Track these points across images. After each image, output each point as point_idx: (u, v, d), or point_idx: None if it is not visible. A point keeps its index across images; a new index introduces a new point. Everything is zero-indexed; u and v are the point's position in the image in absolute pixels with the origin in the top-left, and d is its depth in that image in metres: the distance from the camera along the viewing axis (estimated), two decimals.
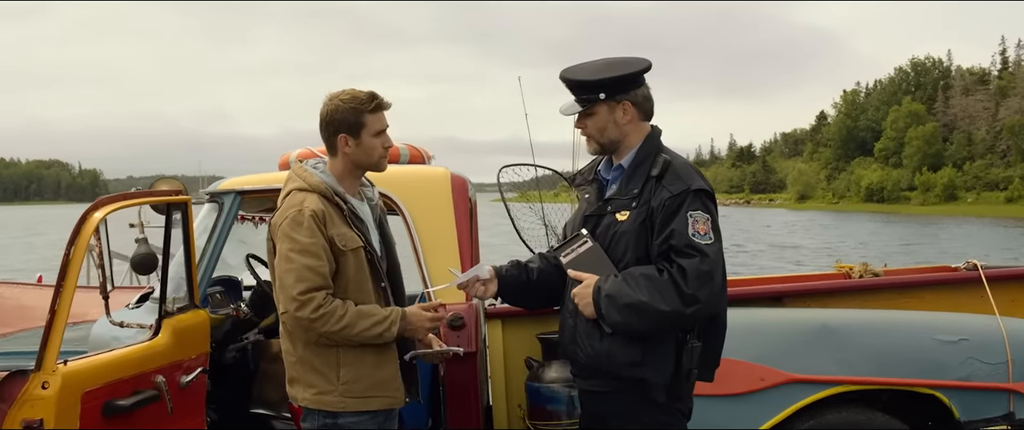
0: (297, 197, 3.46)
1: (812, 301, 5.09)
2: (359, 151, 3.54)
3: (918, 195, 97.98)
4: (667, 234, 3.27)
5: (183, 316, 4.18)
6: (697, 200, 3.30)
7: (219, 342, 5.25)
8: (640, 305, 3.24)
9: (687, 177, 3.34)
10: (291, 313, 3.34)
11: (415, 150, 5.40)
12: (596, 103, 3.46)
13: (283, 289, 3.36)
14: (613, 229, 3.42)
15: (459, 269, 4.62)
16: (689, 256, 3.22)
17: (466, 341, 4.52)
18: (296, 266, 3.34)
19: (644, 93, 3.49)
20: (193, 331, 4.22)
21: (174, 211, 4.14)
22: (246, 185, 4.88)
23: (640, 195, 3.38)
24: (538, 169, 4.86)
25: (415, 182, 4.85)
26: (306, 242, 3.35)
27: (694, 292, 3.20)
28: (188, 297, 4.31)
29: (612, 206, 3.46)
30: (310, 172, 3.53)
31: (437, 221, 4.74)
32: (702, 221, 3.28)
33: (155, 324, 4.06)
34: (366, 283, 3.50)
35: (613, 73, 3.44)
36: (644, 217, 3.34)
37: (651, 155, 3.44)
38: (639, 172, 3.43)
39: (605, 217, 3.47)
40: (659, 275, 3.25)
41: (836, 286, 5.33)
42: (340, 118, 3.50)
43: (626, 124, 3.47)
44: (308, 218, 3.37)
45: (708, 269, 3.22)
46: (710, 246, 3.26)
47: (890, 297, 5.18)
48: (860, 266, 6.21)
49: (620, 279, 3.32)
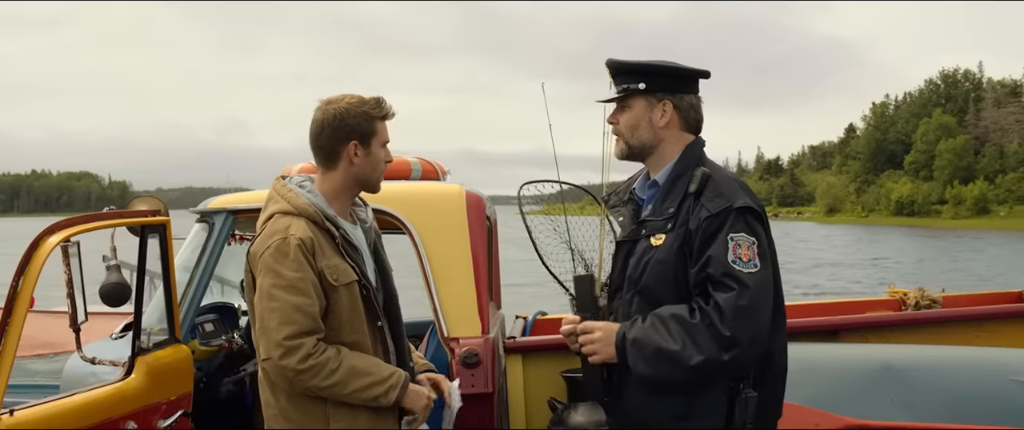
0: (281, 222, 2.98)
1: (871, 335, 4.56)
2: (367, 163, 3.09)
3: (949, 209, 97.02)
4: (703, 261, 2.80)
5: (161, 352, 3.71)
6: (740, 220, 2.81)
7: (211, 376, 4.78)
8: (671, 354, 2.75)
9: (730, 193, 2.86)
10: (274, 361, 2.87)
11: (428, 164, 4.89)
12: (635, 95, 3.01)
13: (265, 332, 2.89)
14: (648, 256, 2.92)
15: (474, 294, 4.14)
16: (726, 289, 2.74)
17: (482, 380, 4.03)
18: (281, 305, 2.87)
19: (692, 101, 3.05)
20: (173, 369, 3.75)
21: (151, 235, 3.66)
22: (239, 203, 4.42)
23: (677, 215, 2.90)
24: (563, 185, 4.33)
25: (426, 200, 4.36)
26: (292, 277, 2.88)
27: (733, 333, 2.71)
28: (168, 330, 3.83)
29: (647, 229, 2.97)
30: (295, 192, 3.05)
31: (450, 244, 4.25)
32: (746, 245, 2.79)
33: (127, 362, 3.58)
34: (361, 322, 3.02)
35: (661, 63, 3.02)
36: (681, 241, 2.86)
37: (690, 168, 2.96)
38: (676, 188, 2.96)
39: (639, 242, 2.98)
40: (691, 316, 2.77)
41: (897, 319, 4.84)
42: (352, 123, 3.04)
43: (663, 128, 3.02)
44: (294, 248, 2.90)
45: (748, 304, 2.73)
46: (753, 275, 2.76)
47: (957, 331, 4.65)
48: (916, 292, 5.72)
49: (649, 323, 2.84)
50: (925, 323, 4.76)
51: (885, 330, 4.65)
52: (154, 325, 3.98)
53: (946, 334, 4.66)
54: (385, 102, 3.12)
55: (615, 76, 3.06)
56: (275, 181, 3.14)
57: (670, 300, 2.86)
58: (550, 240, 4.78)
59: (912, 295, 5.66)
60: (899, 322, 4.78)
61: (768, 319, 2.80)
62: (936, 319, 4.81)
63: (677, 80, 3.03)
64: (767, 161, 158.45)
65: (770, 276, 2.83)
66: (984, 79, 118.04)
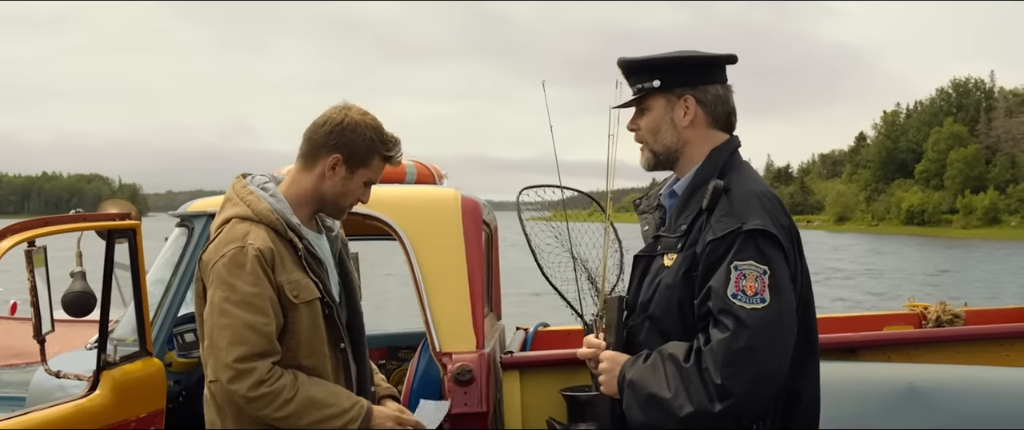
0: (238, 229, 2.69)
1: (893, 353, 4.27)
2: (339, 186, 2.80)
3: (960, 218, 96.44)
4: (705, 293, 2.43)
5: (130, 366, 3.46)
6: (750, 245, 2.41)
7: (192, 389, 4.52)
8: (662, 402, 2.40)
9: (742, 211, 2.46)
10: (222, 384, 2.59)
11: (423, 167, 4.61)
12: (652, 95, 2.62)
13: (214, 351, 2.61)
14: (658, 278, 2.57)
15: (469, 306, 3.87)
16: (722, 327, 2.36)
17: (475, 398, 3.76)
18: (232, 323, 2.59)
19: (718, 92, 2.64)
20: (142, 384, 3.50)
21: (118, 239, 3.40)
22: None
23: (688, 234, 2.52)
24: (565, 191, 4.07)
25: (419, 205, 4.09)
26: (247, 291, 2.60)
27: (724, 381, 2.32)
28: (139, 342, 3.57)
29: (661, 246, 2.61)
30: (256, 195, 2.75)
31: (444, 253, 3.98)
32: (753, 276, 2.38)
33: (92, 377, 3.33)
34: (321, 344, 2.74)
35: (677, 54, 2.63)
36: (688, 265, 2.49)
37: (711, 178, 2.56)
38: (693, 201, 2.56)
39: (654, 260, 2.62)
40: (686, 359, 2.41)
41: (920, 337, 4.55)
42: (352, 137, 2.76)
43: (687, 128, 2.62)
44: (252, 259, 2.62)
45: (744, 346, 2.33)
46: (757, 312, 2.35)
47: (983, 349, 4.36)
48: (937, 306, 5.44)
49: (650, 362, 2.48)
50: (949, 341, 4.47)
51: (907, 348, 4.35)
52: (128, 336, 3.73)
53: (971, 352, 4.37)
54: (398, 146, 2.85)
55: (628, 77, 2.69)
56: (235, 180, 2.83)
57: (676, 331, 2.50)
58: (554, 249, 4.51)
59: (933, 309, 5.38)
60: (922, 340, 4.49)
61: (776, 363, 2.38)
62: (961, 337, 4.52)
63: (696, 70, 2.64)
64: (777, 169, 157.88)
65: (783, 311, 2.40)
66: (996, 88, 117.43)
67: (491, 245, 5.02)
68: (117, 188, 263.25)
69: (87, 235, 3.53)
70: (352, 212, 3.96)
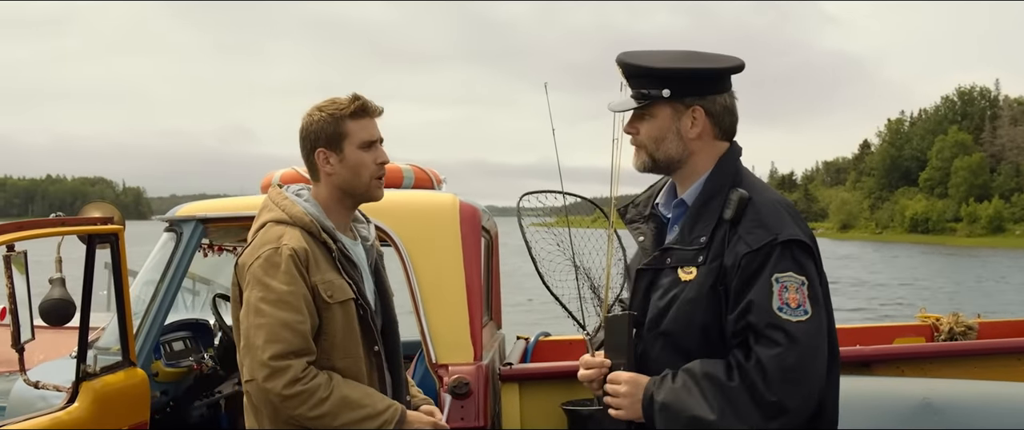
0: (273, 231, 2.70)
1: (906, 368, 4.11)
2: (343, 169, 2.77)
3: (964, 226, 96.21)
4: (743, 307, 2.34)
5: (111, 377, 3.32)
6: (787, 256, 2.35)
7: (180, 399, 4.38)
8: (706, 424, 2.30)
9: (774, 223, 2.39)
10: (258, 383, 2.57)
11: (421, 172, 4.47)
12: (657, 102, 2.50)
13: (250, 351, 2.59)
14: (674, 292, 2.43)
15: (466, 316, 3.73)
16: (772, 343, 2.29)
17: (473, 413, 3.61)
18: (268, 322, 2.57)
19: (726, 102, 2.55)
20: (124, 395, 3.36)
21: (100, 245, 3.26)
22: (209, 211, 4.02)
23: (709, 246, 2.42)
24: (566, 196, 3.91)
25: (415, 211, 3.94)
26: (283, 290, 2.59)
27: (780, 399, 2.27)
28: (121, 351, 3.43)
29: (673, 259, 2.47)
30: (291, 200, 2.77)
31: (441, 260, 3.83)
32: (794, 287, 2.32)
33: (71, 388, 3.18)
34: (356, 346, 2.71)
35: (687, 64, 2.52)
36: (714, 279, 2.39)
37: (725, 187, 2.47)
38: (708, 211, 2.46)
39: (663, 273, 2.48)
40: (729, 377, 2.32)
41: (935, 351, 4.39)
42: (317, 129, 2.76)
43: (694, 139, 2.52)
44: (287, 259, 2.62)
45: (797, 362, 2.28)
46: (803, 325, 2.30)
47: (999, 364, 4.21)
48: (949, 317, 5.30)
49: (680, 383, 2.35)
50: (965, 355, 4.32)
51: (921, 362, 4.20)
52: (114, 344, 3.59)
53: (987, 367, 4.22)
54: (361, 98, 2.79)
55: (630, 78, 2.55)
56: (271, 190, 2.86)
57: (697, 348, 2.40)
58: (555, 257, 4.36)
59: (945, 321, 5.24)
60: (936, 353, 4.34)
61: (820, 376, 2.35)
62: (977, 351, 4.37)
63: (707, 81, 2.53)
64: (781, 176, 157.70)
65: (824, 322, 2.37)
66: (1000, 97, 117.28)
67: (491, 252, 4.87)
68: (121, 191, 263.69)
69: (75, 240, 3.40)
70: None
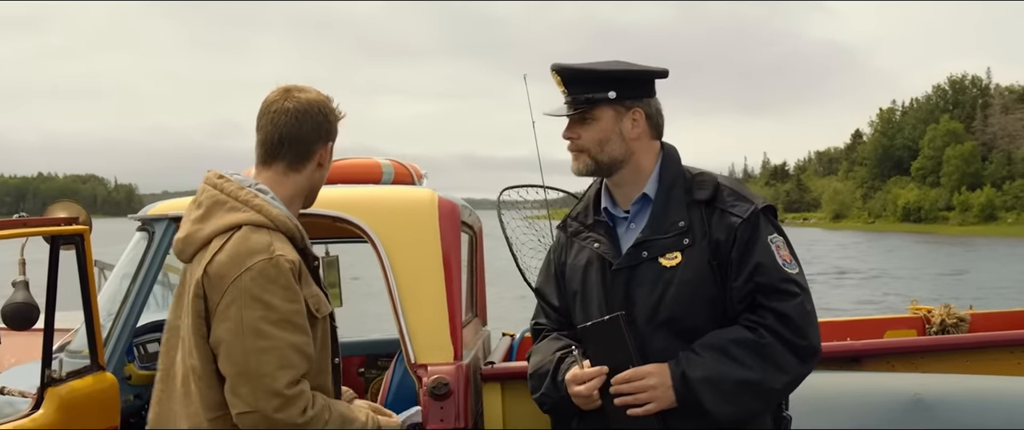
0: (258, 238, 2.39)
1: (897, 362, 4.02)
2: (322, 174, 2.62)
3: (956, 215, 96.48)
4: (751, 270, 2.54)
5: (79, 382, 3.21)
6: (769, 221, 2.64)
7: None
8: (754, 384, 2.47)
9: (747, 193, 2.67)
10: (267, 414, 2.31)
11: (401, 167, 4.36)
12: (602, 104, 2.65)
13: (254, 378, 2.31)
14: (665, 279, 2.55)
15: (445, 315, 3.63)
16: (789, 295, 2.53)
17: (452, 414, 3.51)
18: (276, 345, 2.32)
19: (658, 106, 2.77)
20: (93, 401, 3.26)
21: (64, 246, 3.16)
22: (182, 210, 3.88)
23: (690, 228, 2.59)
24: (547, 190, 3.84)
25: (392, 207, 3.83)
26: (287, 309, 2.35)
27: (810, 341, 2.52)
28: (90, 355, 3.33)
29: (650, 251, 2.58)
30: (266, 202, 2.46)
31: (419, 257, 3.73)
32: (784, 245, 2.61)
33: (36, 394, 3.08)
34: (327, 361, 2.54)
35: (630, 67, 2.70)
36: (709, 254, 2.57)
37: (680, 176, 2.70)
38: (673, 199, 2.65)
39: (640, 267, 2.58)
40: (758, 336, 2.50)
41: (927, 345, 4.32)
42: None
43: (634, 140, 2.69)
44: (286, 273, 2.36)
45: (811, 306, 2.58)
46: (801, 275, 2.60)
47: (993, 357, 4.13)
48: (941, 309, 5.24)
49: (708, 356, 2.48)
50: (958, 349, 4.23)
51: (913, 356, 4.12)
52: (85, 347, 3.49)
53: (981, 361, 4.14)
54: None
55: (570, 84, 2.66)
56: (219, 179, 2.51)
57: (705, 325, 2.53)
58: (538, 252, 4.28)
59: (937, 313, 5.17)
60: (928, 347, 4.26)
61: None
62: (970, 345, 4.29)
63: (646, 84, 2.73)
64: (773, 167, 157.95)
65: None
66: (992, 85, 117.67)
67: (475, 248, 4.77)
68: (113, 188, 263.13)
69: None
70: (321, 215, 3.74)
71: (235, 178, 2.53)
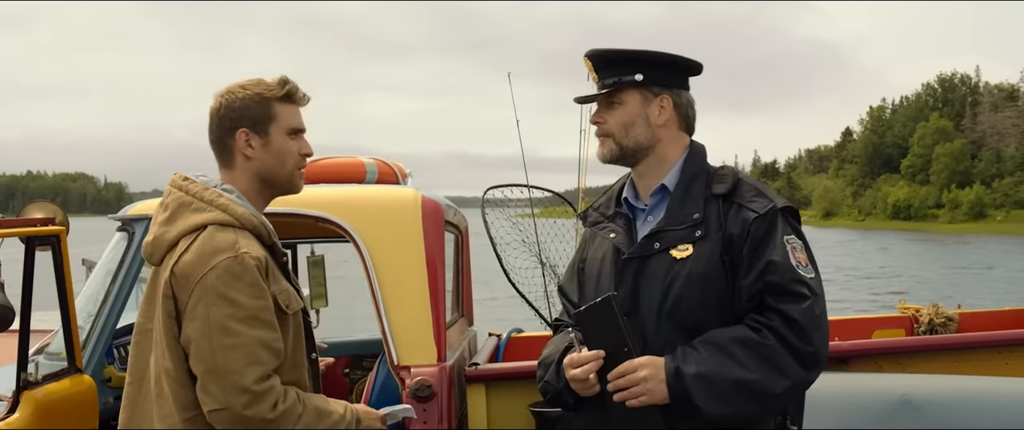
0: (223, 237, 2.39)
1: (885, 363, 4.00)
2: (266, 154, 2.53)
3: (946, 213, 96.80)
4: (762, 268, 2.44)
5: (55, 385, 3.17)
6: (788, 222, 2.54)
7: None
8: (751, 385, 2.36)
9: (768, 192, 2.59)
10: (236, 411, 2.31)
11: (385, 166, 4.32)
12: (628, 87, 2.60)
13: (224, 375, 2.31)
14: (674, 271, 2.48)
15: (429, 316, 3.60)
16: (799, 298, 2.42)
17: (436, 416, 3.47)
18: (243, 342, 2.33)
19: (690, 99, 2.69)
20: (70, 404, 3.22)
21: (40, 247, 3.11)
22: None
23: (705, 221, 2.52)
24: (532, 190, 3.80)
25: (374, 207, 3.79)
26: (254, 306, 2.35)
27: (817, 348, 2.42)
28: (67, 358, 3.28)
29: (662, 242, 2.52)
30: (231, 201, 2.47)
31: (402, 258, 3.69)
32: (800, 249, 2.51)
33: (11, 398, 3.04)
34: (302, 357, 2.52)
35: (659, 52, 2.64)
36: (721, 249, 2.48)
37: (703, 170, 2.62)
38: (693, 191, 2.57)
39: (652, 258, 2.52)
40: (761, 337, 2.40)
41: (915, 345, 4.29)
42: (240, 107, 2.50)
43: (661, 126, 2.62)
44: (252, 269, 2.37)
45: (821, 312, 2.46)
46: (816, 280, 2.49)
47: (981, 357, 4.10)
48: (929, 308, 5.21)
49: (706, 353, 2.39)
50: (946, 349, 4.20)
51: (901, 357, 4.09)
52: (62, 350, 3.45)
53: (969, 361, 4.11)
54: (289, 82, 2.57)
55: (600, 70, 2.63)
56: (184, 181, 2.51)
57: (711, 320, 2.46)
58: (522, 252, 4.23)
59: (925, 312, 5.14)
60: (916, 348, 4.23)
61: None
62: (958, 345, 4.26)
63: (676, 73, 2.67)
64: (764, 164, 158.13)
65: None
66: (981, 83, 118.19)
67: (461, 247, 4.73)
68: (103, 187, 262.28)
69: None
70: (304, 215, 3.69)
71: (201, 179, 2.54)
